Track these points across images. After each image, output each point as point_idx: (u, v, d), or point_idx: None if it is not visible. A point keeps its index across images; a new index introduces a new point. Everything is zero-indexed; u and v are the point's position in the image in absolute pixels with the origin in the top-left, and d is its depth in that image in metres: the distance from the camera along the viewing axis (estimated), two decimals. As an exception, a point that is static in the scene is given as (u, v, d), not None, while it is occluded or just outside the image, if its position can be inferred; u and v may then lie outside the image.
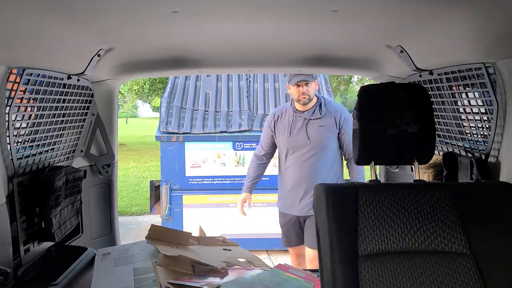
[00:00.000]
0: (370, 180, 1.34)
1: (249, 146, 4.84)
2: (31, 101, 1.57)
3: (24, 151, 1.57)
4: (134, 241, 1.91)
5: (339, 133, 2.70)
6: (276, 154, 2.95)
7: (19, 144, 1.53)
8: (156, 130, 4.90)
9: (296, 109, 2.75)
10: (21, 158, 1.53)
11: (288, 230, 2.81)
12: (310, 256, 2.67)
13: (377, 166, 1.50)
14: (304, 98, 2.65)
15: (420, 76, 1.85)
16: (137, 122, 28.79)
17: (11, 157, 1.46)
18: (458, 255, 1.19)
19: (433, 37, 1.51)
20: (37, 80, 1.54)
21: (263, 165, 2.98)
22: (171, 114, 4.89)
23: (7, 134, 1.41)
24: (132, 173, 10.76)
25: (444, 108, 1.76)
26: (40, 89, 1.57)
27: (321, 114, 2.70)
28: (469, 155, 1.62)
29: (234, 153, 4.84)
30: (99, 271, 1.61)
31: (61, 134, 1.84)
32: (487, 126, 1.51)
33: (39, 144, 1.67)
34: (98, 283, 1.54)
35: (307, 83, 2.63)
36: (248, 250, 1.96)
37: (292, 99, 2.77)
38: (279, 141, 2.79)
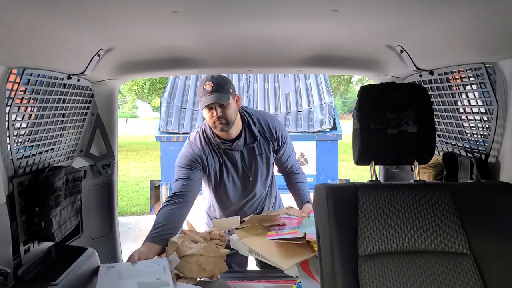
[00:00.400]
0: (370, 180, 1.34)
1: (249, 146, 4.84)
2: (31, 101, 1.57)
3: (24, 151, 1.57)
4: (134, 241, 1.92)
5: (277, 154, 2.21)
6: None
7: (19, 144, 1.53)
8: (156, 130, 4.90)
9: (222, 138, 2.07)
10: (21, 158, 1.53)
11: None
12: None
13: (377, 166, 1.50)
14: (221, 124, 1.99)
15: (420, 76, 1.84)
16: (137, 122, 28.80)
17: (11, 157, 1.45)
18: (458, 255, 1.19)
19: (433, 37, 1.51)
20: (37, 80, 1.54)
21: (185, 207, 1.98)
22: (171, 114, 4.90)
23: (7, 134, 1.41)
24: (132, 173, 10.76)
25: (444, 108, 1.76)
26: (40, 89, 1.57)
27: (255, 139, 2.10)
28: (469, 155, 1.62)
29: (234, 153, 4.83)
30: (103, 282, 1.62)
31: (61, 134, 1.84)
32: (487, 126, 1.51)
33: (39, 144, 1.67)
34: None
35: (222, 105, 1.97)
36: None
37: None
38: (214, 186, 2.15)
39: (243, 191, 2.20)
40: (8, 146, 1.43)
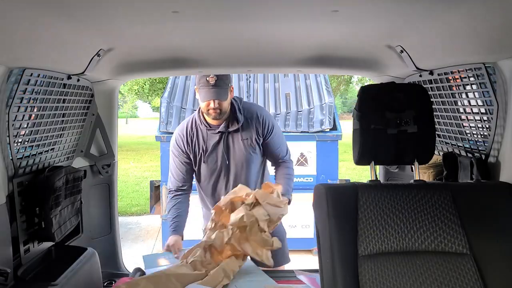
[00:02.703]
0: (370, 180, 1.34)
1: (249, 146, 4.84)
2: (31, 101, 1.57)
3: (24, 151, 1.57)
4: (134, 241, 1.91)
5: (263, 142, 2.26)
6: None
7: (19, 144, 1.53)
8: (156, 130, 4.90)
9: (208, 124, 2.22)
10: (21, 158, 1.53)
11: None
12: None
13: (377, 166, 1.50)
14: (215, 113, 2.14)
15: (420, 76, 1.85)
16: (137, 122, 28.80)
17: (11, 157, 1.45)
18: (458, 255, 1.19)
19: (433, 37, 1.51)
20: (37, 80, 1.54)
21: (185, 198, 2.40)
22: (171, 114, 4.89)
23: (7, 134, 1.41)
24: (132, 173, 10.76)
25: (444, 108, 1.76)
26: (40, 89, 1.57)
27: (238, 124, 2.19)
28: (469, 155, 1.62)
29: (234, 153, 4.83)
30: None
31: (61, 134, 1.84)
32: (487, 126, 1.51)
33: (39, 144, 1.67)
34: None
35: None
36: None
37: (199, 109, 2.23)
38: (197, 167, 2.28)
39: (219, 172, 2.26)
40: (8, 146, 1.43)
